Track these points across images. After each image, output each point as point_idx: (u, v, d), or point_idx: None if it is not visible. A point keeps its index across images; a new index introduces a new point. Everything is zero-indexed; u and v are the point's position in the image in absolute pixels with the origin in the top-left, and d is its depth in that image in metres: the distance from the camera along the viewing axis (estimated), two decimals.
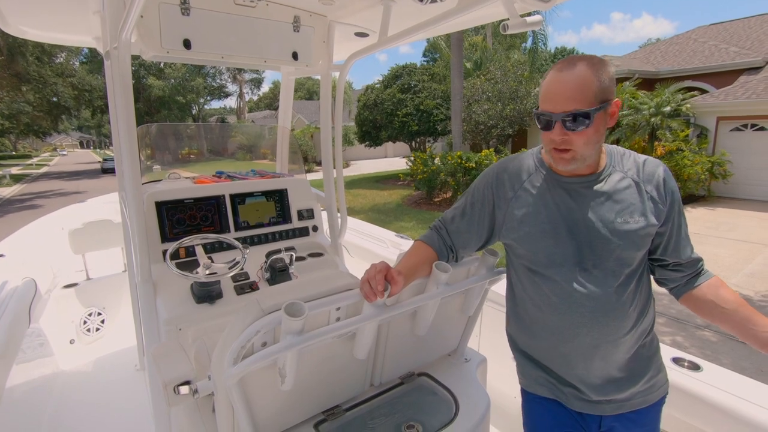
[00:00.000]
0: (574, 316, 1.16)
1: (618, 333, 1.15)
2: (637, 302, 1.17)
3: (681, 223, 1.18)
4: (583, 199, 1.15)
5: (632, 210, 1.12)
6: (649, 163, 1.16)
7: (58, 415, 2.33)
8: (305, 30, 2.04)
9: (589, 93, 1.02)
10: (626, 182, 1.14)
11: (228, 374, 0.94)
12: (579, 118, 1.03)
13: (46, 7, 1.82)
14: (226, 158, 3.48)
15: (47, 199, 17.80)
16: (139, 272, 1.79)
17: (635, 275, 1.16)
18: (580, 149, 1.07)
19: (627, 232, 1.11)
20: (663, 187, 1.14)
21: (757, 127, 11.26)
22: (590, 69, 1.03)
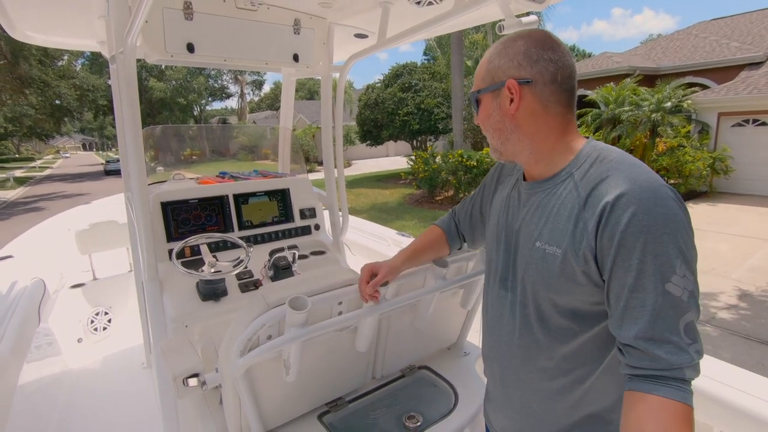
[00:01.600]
0: (492, 336, 1.06)
1: (528, 377, 0.97)
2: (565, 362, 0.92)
3: (627, 282, 0.77)
4: (524, 207, 0.97)
5: (555, 233, 0.87)
6: (607, 184, 0.80)
7: (67, 413, 2.39)
8: (305, 32, 2.08)
9: (479, 74, 0.95)
10: (570, 197, 0.86)
11: (235, 365, 0.98)
12: (471, 101, 0.98)
13: (52, 13, 1.87)
14: (229, 159, 3.53)
15: (51, 202, 17.92)
16: (146, 271, 1.84)
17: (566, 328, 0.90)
18: (487, 137, 0.98)
19: (541, 259, 0.90)
20: (605, 220, 0.78)
21: (759, 122, 11.25)
22: (495, 48, 0.93)
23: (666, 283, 0.74)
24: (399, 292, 1.23)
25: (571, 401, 0.93)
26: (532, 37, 0.89)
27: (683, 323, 0.74)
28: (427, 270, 1.29)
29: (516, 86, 0.88)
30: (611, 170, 0.82)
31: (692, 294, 0.75)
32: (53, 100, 23.02)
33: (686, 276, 0.74)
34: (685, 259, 0.75)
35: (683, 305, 0.74)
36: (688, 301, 0.74)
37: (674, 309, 0.74)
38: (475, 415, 1.33)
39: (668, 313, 0.74)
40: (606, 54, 17.61)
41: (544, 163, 0.93)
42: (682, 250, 0.75)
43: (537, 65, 0.87)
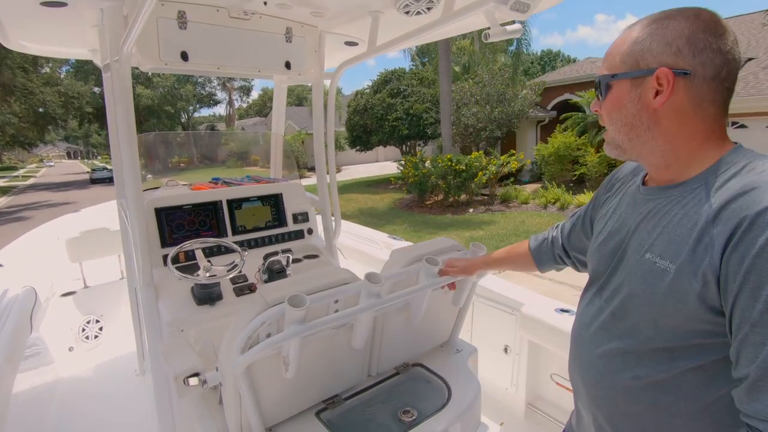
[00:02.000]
0: (576, 346, 0.96)
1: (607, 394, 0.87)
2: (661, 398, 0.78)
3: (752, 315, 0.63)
4: (639, 214, 0.85)
5: (671, 246, 0.74)
6: (750, 197, 0.65)
7: (61, 421, 2.37)
8: (297, 40, 2.13)
9: (617, 54, 0.79)
10: (697, 207, 0.73)
11: (236, 363, 1.01)
12: (599, 85, 0.82)
13: (45, 23, 1.88)
14: (218, 165, 3.55)
15: (35, 211, 17.61)
16: (141, 276, 1.85)
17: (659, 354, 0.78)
18: (607, 127, 0.85)
19: (648, 272, 0.77)
20: (738, 238, 0.65)
21: (738, 124, 11.59)
22: (642, 24, 0.78)
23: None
24: (393, 290, 1.28)
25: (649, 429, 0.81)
26: (699, 19, 0.73)
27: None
28: (419, 268, 1.34)
29: (670, 77, 0.73)
30: (760, 183, 0.66)
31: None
32: (37, 107, 22.67)
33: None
34: None
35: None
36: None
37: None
38: (468, 408, 1.38)
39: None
40: (590, 59, 17.98)
41: (676, 168, 0.79)
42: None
43: (701, 55, 0.72)
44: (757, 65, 12.50)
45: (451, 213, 11.74)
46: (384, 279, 1.17)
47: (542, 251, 1.25)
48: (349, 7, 1.89)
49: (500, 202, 12.39)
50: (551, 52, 42.45)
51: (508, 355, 2.25)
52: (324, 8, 1.90)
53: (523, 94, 15.36)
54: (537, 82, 16.78)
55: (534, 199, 12.00)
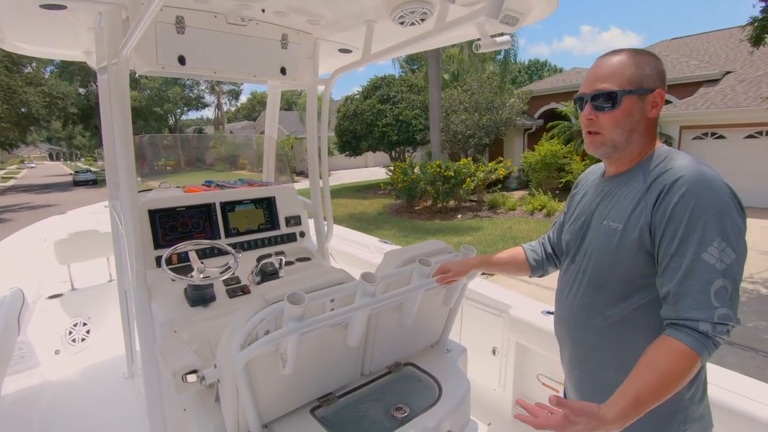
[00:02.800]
0: (560, 303, 1.23)
1: (585, 335, 1.13)
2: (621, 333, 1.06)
3: (671, 249, 0.93)
4: (599, 196, 1.15)
5: (619, 212, 1.05)
6: (669, 173, 0.98)
7: (47, 425, 2.35)
8: (293, 47, 2.17)
9: (621, 75, 1.02)
10: (636, 184, 1.04)
11: (236, 358, 1.04)
12: (606, 98, 1.03)
13: (42, 24, 1.89)
14: (212, 168, 3.55)
15: (16, 213, 17.21)
16: (134, 277, 1.86)
17: (617, 296, 1.05)
18: (608, 133, 1.05)
19: (604, 233, 1.07)
20: (661, 198, 0.95)
21: (717, 135, 11.95)
22: (630, 55, 1.04)
23: (702, 252, 0.89)
24: (387, 289, 1.32)
25: (620, 359, 1.05)
26: (656, 57, 1.06)
27: (714, 287, 0.88)
28: (413, 269, 1.38)
29: (663, 95, 1.04)
30: (675, 164, 0.99)
31: (729, 267, 0.89)
32: (19, 108, 22.19)
33: (724, 251, 0.89)
34: (726, 238, 0.89)
35: (715, 272, 0.88)
36: (723, 271, 0.88)
37: (706, 274, 0.88)
38: (458, 405, 1.42)
39: (698, 276, 0.89)
40: (576, 69, 18.37)
41: (632, 156, 1.08)
42: (724, 230, 0.89)
43: (665, 82, 1.06)
44: (735, 78, 12.94)
45: (439, 218, 11.84)
46: (379, 279, 1.22)
47: (536, 254, 1.46)
48: (345, 15, 1.94)
49: (488, 208, 12.53)
50: (538, 61, 43.19)
51: (495, 357, 2.31)
52: (320, 16, 1.94)
53: (511, 103, 15.61)
54: (524, 91, 17.08)
55: (521, 206, 12.17)
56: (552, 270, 1.46)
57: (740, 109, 11.01)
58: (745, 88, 11.81)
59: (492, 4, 1.02)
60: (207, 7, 1.79)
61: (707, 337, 0.88)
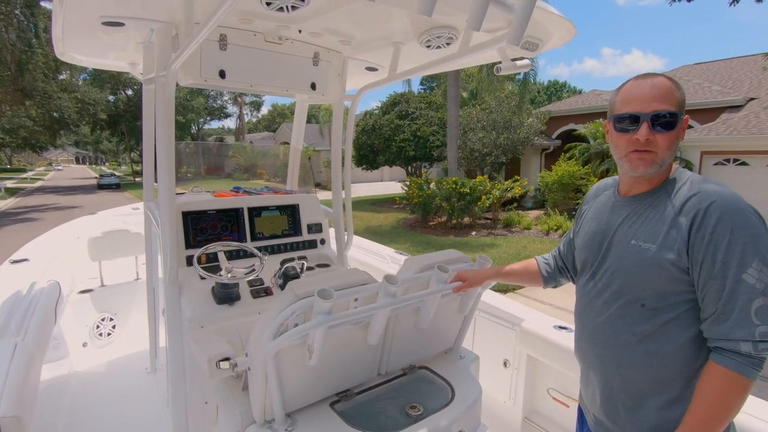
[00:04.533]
0: (582, 320, 1.25)
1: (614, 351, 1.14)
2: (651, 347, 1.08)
3: (713, 272, 0.98)
4: (621, 217, 1.17)
5: (650, 233, 1.07)
6: (699, 197, 1.03)
7: (74, 412, 2.47)
8: (323, 64, 2.31)
9: (675, 98, 1.07)
10: (665, 207, 1.08)
11: (268, 347, 1.14)
12: (668, 119, 1.06)
13: (97, 39, 2.07)
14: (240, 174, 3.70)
15: (43, 213, 17.84)
16: (167, 273, 1.98)
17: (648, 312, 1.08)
18: (662, 153, 1.08)
19: (635, 252, 1.09)
20: (698, 222, 1.00)
21: (739, 162, 11.78)
22: (669, 79, 1.10)
23: (743, 273, 0.95)
24: (407, 292, 1.41)
25: (651, 374, 1.08)
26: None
27: (755, 306, 0.94)
28: (431, 275, 1.47)
29: (687, 120, 1.12)
30: (702, 188, 1.05)
31: None
32: (53, 112, 23.18)
33: (762, 271, 0.95)
34: (763, 258, 0.95)
35: (756, 291, 0.94)
36: (763, 290, 0.94)
37: (746, 294, 0.94)
38: (470, 408, 1.48)
39: (740, 296, 0.95)
40: (595, 91, 18.39)
41: (657, 179, 1.14)
42: (760, 251, 0.95)
43: None
44: (759, 105, 12.78)
45: (453, 235, 11.86)
46: (401, 281, 1.31)
47: (548, 266, 1.53)
48: (375, 37, 2.07)
49: (503, 226, 12.51)
50: (557, 82, 43.29)
51: (507, 369, 2.35)
52: (351, 37, 2.08)
53: (529, 122, 15.68)
54: (543, 111, 17.13)
55: (536, 225, 12.13)
56: (564, 282, 1.53)
57: (764, 136, 10.85)
58: None
59: (514, 31, 1.12)
60: (249, 27, 1.94)
61: (750, 357, 0.93)
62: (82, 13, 1.66)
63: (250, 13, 1.77)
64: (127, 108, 35.52)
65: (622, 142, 1.12)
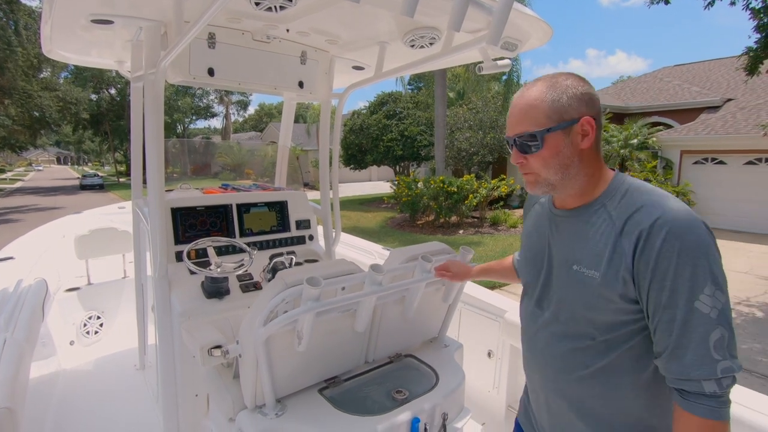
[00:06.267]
0: (530, 350, 1.15)
1: (566, 386, 1.05)
2: (608, 380, 0.98)
3: (661, 301, 0.86)
4: (559, 234, 1.06)
5: (593, 258, 0.95)
6: (641, 213, 0.90)
7: (63, 410, 2.47)
8: (311, 63, 2.36)
9: (537, 114, 0.96)
10: (605, 225, 0.96)
11: (259, 333, 1.19)
12: (527, 141, 0.98)
13: (86, 36, 2.08)
14: (229, 173, 3.72)
15: (23, 214, 17.46)
16: (157, 269, 2.01)
17: (600, 345, 0.98)
18: (540, 172, 1.00)
19: (579, 281, 0.98)
20: (642, 245, 0.88)
21: (717, 160, 12.13)
22: (546, 87, 0.97)
23: (695, 301, 0.83)
24: (392, 281, 1.47)
25: (609, 407, 0.99)
26: (576, 78, 0.97)
27: (712, 339, 0.83)
28: (416, 265, 1.53)
29: (592, 122, 0.96)
30: (644, 201, 0.91)
31: (722, 313, 0.83)
32: (33, 111, 22.68)
33: (715, 296, 0.83)
34: (715, 281, 0.84)
35: (711, 322, 0.83)
36: (717, 319, 0.83)
37: (702, 326, 0.83)
38: (454, 392, 1.55)
39: (695, 328, 0.83)
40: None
41: (587, 194, 1.01)
42: (712, 272, 0.84)
43: (595, 103, 0.98)
44: (736, 106, 13.18)
45: (441, 233, 11.97)
46: (386, 270, 1.36)
47: None
48: (361, 37, 2.13)
49: (489, 225, 12.68)
50: None
51: (491, 359, 2.43)
52: (338, 36, 2.13)
53: None
54: None
55: (522, 224, 12.29)
56: None
57: (740, 136, 11.22)
58: (745, 115, 12.04)
59: (493, 32, 1.18)
60: (238, 25, 1.98)
61: (718, 397, 0.84)
62: (72, 11, 1.68)
63: (238, 13, 1.81)
64: (110, 107, 34.92)
65: None
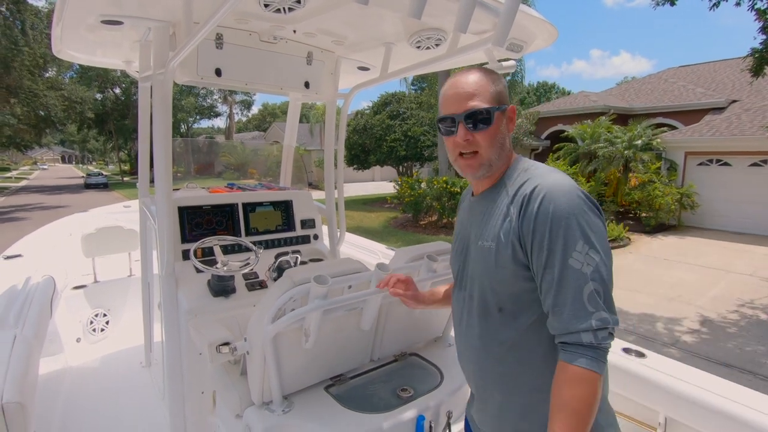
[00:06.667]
0: (458, 335, 1.18)
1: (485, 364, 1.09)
2: (522, 356, 1.03)
3: (541, 261, 0.93)
4: (473, 217, 1.13)
5: (490, 230, 1.03)
6: (528, 183, 0.99)
7: (70, 406, 2.50)
8: (316, 63, 2.38)
9: (486, 93, 1.03)
10: (502, 199, 1.04)
11: (267, 330, 1.21)
12: (481, 116, 1.02)
13: (95, 37, 2.11)
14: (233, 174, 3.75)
15: (29, 212, 17.58)
16: (164, 267, 2.03)
17: (506, 317, 1.02)
18: (485, 152, 1.04)
19: (482, 255, 1.04)
20: (523, 209, 0.96)
21: (722, 162, 12.08)
22: (485, 73, 1.07)
23: (568, 259, 0.89)
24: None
25: (527, 383, 1.03)
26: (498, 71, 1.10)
27: (586, 292, 0.89)
28: (421, 264, 1.55)
29: (514, 110, 1.09)
30: (533, 175, 1.02)
31: (597, 269, 0.89)
32: (39, 110, 22.82)
33: (588, 253, 0.89)
34: (587, 240, 0.90)
35: (583, 277, 0.89)
36: (591, 274, 0.89)
37: (576, 280, 0.89)
38: (458, 390, 1.56)
39: (570, 284, 0.89)
40: (583, 93, 18.69)
41: (496, 175, 1.09)
42: (585, 232, 0.90)
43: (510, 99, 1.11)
44: (741, 107, 13.13)
45: (444, 233, 11.98)
46: (392, 269, 1.38)
47: None
48: (367, 38, 2.14)
49: None
50: (547, 83, 43.75)
51: None
52: (344, 37, 2.15)
53: (518, 123, 15.89)
54: (532, 112, 17.37)
55: None
56: None
57: (745, 138, 11.16)
58: (750, 117, 11.98)
59: (499, 33, 1.18)
60: (246, 26, 2.00)
61: (594, 348, 0.88)
62: (83, 11, 1.70)
63: (247, 14, 1.83)
64: (114, 106, 35.06)
65: (448, 144, 1.10)
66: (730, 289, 7.27)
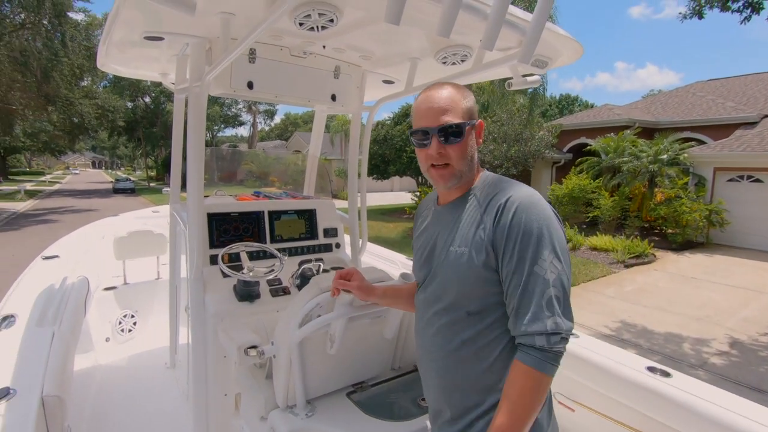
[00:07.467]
0: (418, 338, 1.23)
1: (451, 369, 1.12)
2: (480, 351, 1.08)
3: (510, 267, 1.00)
4: (441, 225, 1.18)
5: (463, 237, 1.09)
6: (500, 195, 1.07)
7: (99, 404, 2.59)
8: (344, 77, 2.45)
9: (458, 108, 1.10)
10: (473, 208, 1.11)
11: (294, 335, 1.25)
12: (453, 131, 1.09)
13: (136, 51, 2.23)
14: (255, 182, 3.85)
15: (61, 215, 18.29)
16: (192, 271, 2.11)
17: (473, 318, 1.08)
18: (456, 164, 1.11)
19: (453, 260, 1.09)
20: (498, 218, 1.03)
21: (753, 178, 11.68)
22: (456, 90, 1.13)
23: (534, 265, 0.97)
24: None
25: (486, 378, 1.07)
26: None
27: (545, 298, 0.96)
28: None
29: (482, 126, 1.17)
30: (504, 187, 1.09)
31: (558, 277, 0.97)
32: (74, 118, 23.88)
33: (553, 262, 0.98)
34: (553, 249, 0.98)
35: (546, 283, 0.96)
36: (553, 281, 0.97)
37: (539, 286, 0.96)
38: None
39: (533, 290, 0.97)
40: (607, 106, 18.40)
41: (464, 186, 1.16)
42: (551, 242, 0.99)
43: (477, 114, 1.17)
44: None
45: None
46: (415, 279, 1.40)
47: None
48: (394, 53, 2.20)
49: None
50: (569, 96, 43.32)
51: None
52: (372, 53, 2.22)
53: (540, 135, 15.75)
54: (554, 125, 17.19)
55: None
56: None
57: None
58: None
59: (525, 50, 1.21)
60: (278, 42, 2.09)
61: (545, 351, 0.95)
62: (130, 29, 1.81)
63: (281, 30, 1.92)
64: (144, 115, 36.35)
65: (421, 156, 1.15)
66: (762, 311, 6.98)
